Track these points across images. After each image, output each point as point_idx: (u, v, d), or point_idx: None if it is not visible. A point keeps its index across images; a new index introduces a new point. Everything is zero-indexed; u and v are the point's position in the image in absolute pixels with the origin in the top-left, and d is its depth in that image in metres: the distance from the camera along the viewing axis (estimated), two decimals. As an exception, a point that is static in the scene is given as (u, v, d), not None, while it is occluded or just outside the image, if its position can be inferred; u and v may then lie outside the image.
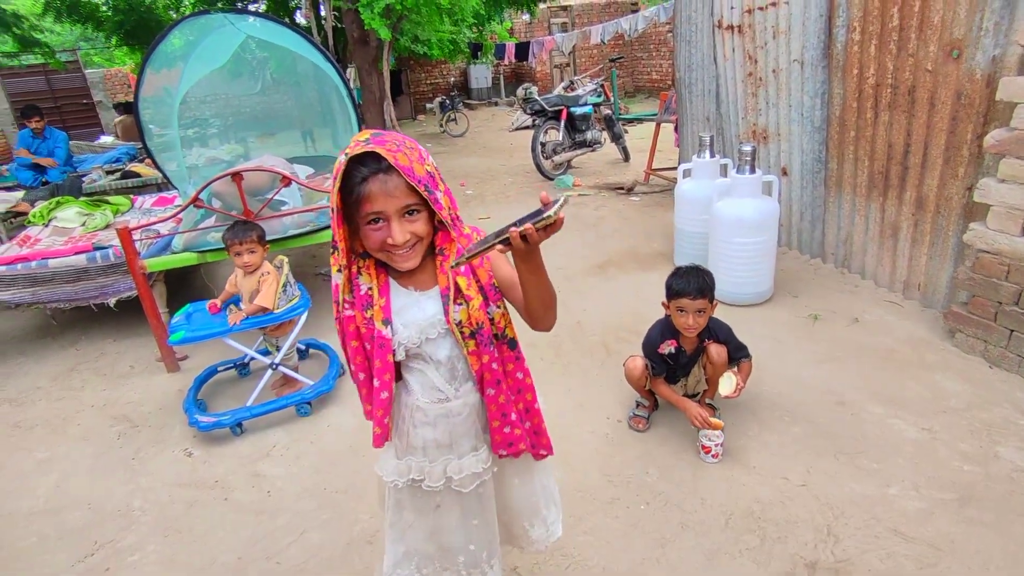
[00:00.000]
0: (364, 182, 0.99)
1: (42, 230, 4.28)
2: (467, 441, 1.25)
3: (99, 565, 2.00)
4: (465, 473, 1.25)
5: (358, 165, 0.99)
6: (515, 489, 1.38)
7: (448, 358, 1.19)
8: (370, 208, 1.01)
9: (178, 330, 2.57)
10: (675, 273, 2.29)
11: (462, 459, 1.25)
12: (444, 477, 1.24)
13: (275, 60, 5.94)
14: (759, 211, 3.24)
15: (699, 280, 2.23)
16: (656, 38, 15.36)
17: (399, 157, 0.98)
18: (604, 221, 5.27)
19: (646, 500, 2.10)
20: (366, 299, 1.13)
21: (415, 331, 1.15)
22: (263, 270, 2.71)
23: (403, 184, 1.00)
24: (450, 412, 1.22)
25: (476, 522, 1.32)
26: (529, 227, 0.90)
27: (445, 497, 1.28)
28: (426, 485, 1.25)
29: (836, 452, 2.21)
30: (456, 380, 1.21)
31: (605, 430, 2.49)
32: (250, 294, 2.70)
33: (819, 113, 3.44)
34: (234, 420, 2.59)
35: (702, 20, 4.43)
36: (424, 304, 1.15)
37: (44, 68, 12.05)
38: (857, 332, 3.01)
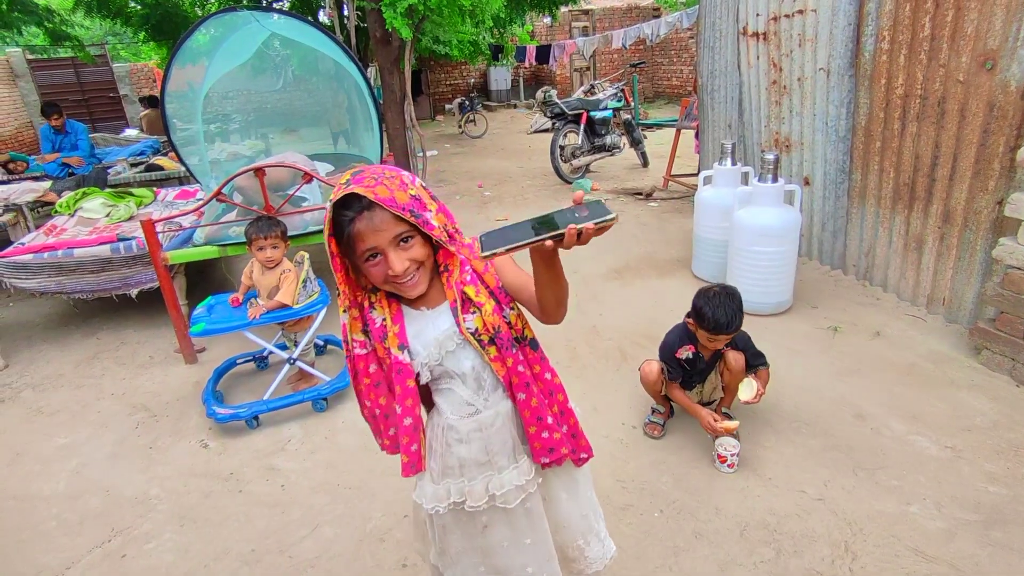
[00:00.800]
0: (351, 223, 1.00)
1: (68, 220, 4.36)
2: (504, 453, 1.21)
3: (116, 551, 2.03)
4: (508, 488, 1.20)
5: (343, 209, 1.00)
6: (564, 504, 1.32)
7: (472, 368, 1.17)
8: (363, 246, 1.02)
9: (199, 322, 2.60)
10: (710, 300, 2.16)
11: (502, 473, 1.20)
12: (487, 495, 1.20)
13: (297, 58, 6.01)
14: (781, 220, 3.21)
15: (734, 314, 2.13)
16: (677, 44, 15.30)
17: (379, 190, 0.98)
18: (622, 226, 5.25)
19: (660, 508, 2.08)
20: (382, 331, 1.13)
21: (434, 348, 1.14)
22: (284, 267, 2.73)
23: (388, 216, 1.00)
24: (482, 425, 1.19)
25: (528, 541, 1.25)
26: (590, 226, 0.85)
27: (491, 516, 1.23)
28: (468, 505, 1.20)
29: (855, 467, 2.17)
30: (483, 390, 1.19)
31: (620, 435, 2.47)
32: (269, 290, 2.72)
33: (844, 123, 3.40)
34: (251, 413, 2.62)
35: (726, 27, 4.39)
36: (437, 320, 1.14)
37: (73, 61, 12.30)
38: (878, 346, 2.97)
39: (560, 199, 6.46)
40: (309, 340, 2.85)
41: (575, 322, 3.47)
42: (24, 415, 2.93)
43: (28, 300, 4.35)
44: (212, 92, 5.32)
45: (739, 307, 2.17)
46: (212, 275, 4.55)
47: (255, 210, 3.15)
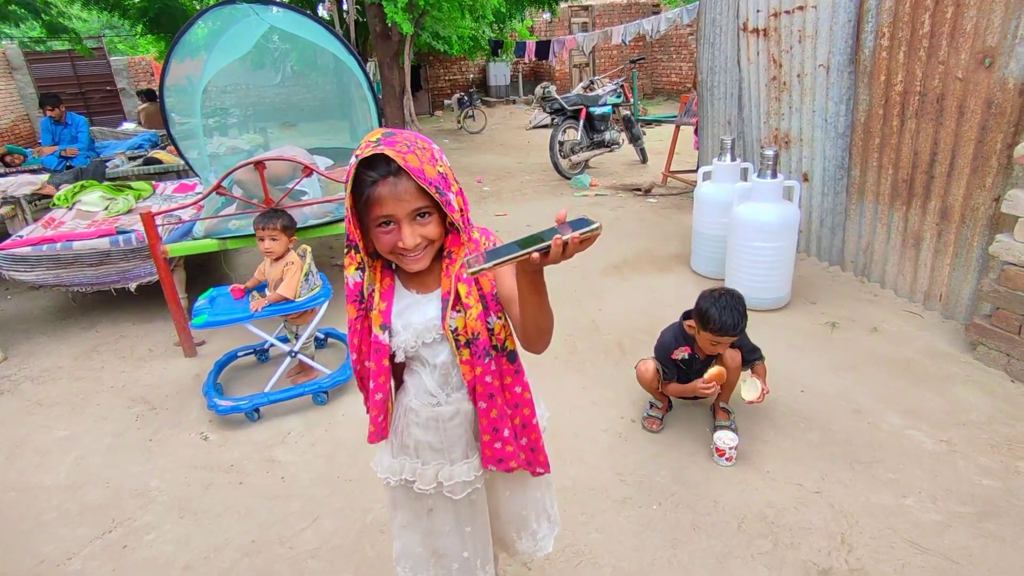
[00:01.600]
0: (373, 185, 0.97)
1: (66, 213, 4.34)
2: (458, 447, 1.23)
3: (117, 542, 2.04)
4: (455, 480, 1.23)
5: (367, 168, 0.97)
6: (504, 501, 1.36)
7: (443, 363, 1.17)
8: (380, 212, 0.99)
9: (201, 314, 2.60)
10: (714, 302, 2.14)
11: (454, 465, 1.23)
12: (436, 481, 1.23)
13: (296, 52, 5.99)
14: (780, 216, 3.22)
15: (739, 316, 2.13)
16: (677, 40, 15.28)
17: (409, 159, 0.95)
18: (620, 222, 5.26)
19: (658, 500, 2.09)
20: (368, 301, 1.13)
21: (412, 335, 1.13)
22: (287, 259, 2.73)
23: (413, 187, 0.97)
24: (440, 417, 1.20)
25: (469, 529, 1.31)
26: (575, 236, 0.84)
27: (437, 501, 1.27)
28: (417, 487, 1.24)
29: (852, 460, 2.19)
30: (448, 386, 1.19)
31: (618, 429, 2.49)
32: (275, 282, 2.73)
33: (843, 119, 3.41)
34: (251, 406, 2.62)
35: (727, 23, 4.40)
36: (425, 307, 1.14)
37: (70, 54, 12.23)
38: (876, 341, 2.98)
39: (559, 194, 6.47)
40: (310, 334, 2.85)
41: (574, 317, 3.48)
42: (23, 407, 2.93)
43: (26, 293, 4.34)
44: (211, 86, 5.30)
45: (744, 309, 2.18)
46: (212, 268, 4.54)
47: (255, 203, 3.15)
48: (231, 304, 2.72)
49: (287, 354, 2.83)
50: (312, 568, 1.89)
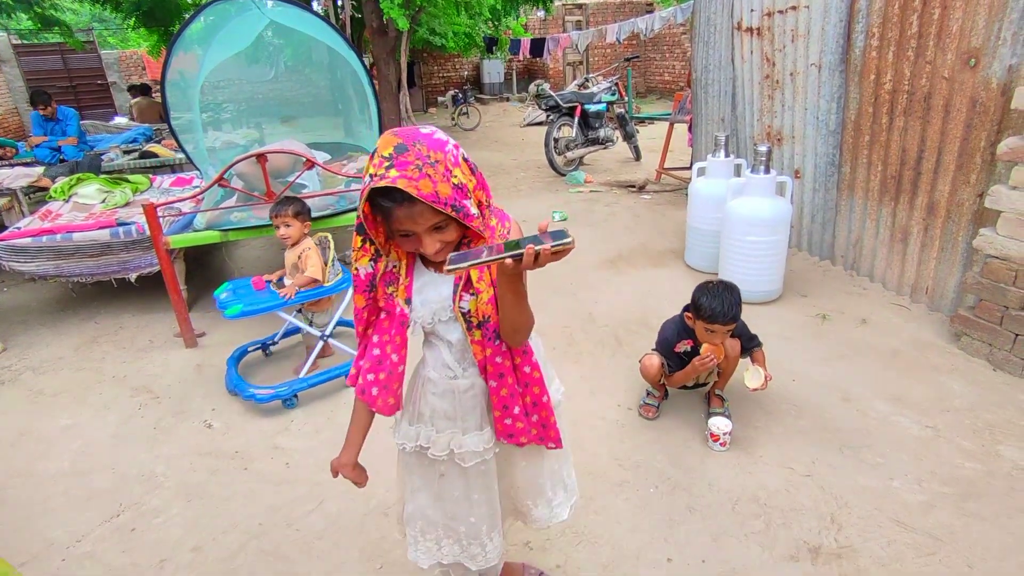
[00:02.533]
0: (390, 211, 1.02)
1: (63, 205, 4.35)
2: (472, 418, 1.29)
3: (126, 525, 2.08)
4: (466, 449, 1.29)
5: (381, 198, 1.01)
6: (520, 470, 1.42)
7: (459, 340, 1.23)
8: (399, 227, 1.04)
9: (234, 304, 2.61)
10: (707, 291, 2.22)
11: (466, 435, 1.29)
12: (448, 448, 1.29)
13: (290, 48, 5.99)
14: (772, 210, 3.29)
15: (733, 304, 2.19)
16: (670, 39, 15.38)
17: (422, 185, 0.96)
18: (615, 217, 5.33)
19: (655, 484, 2.16)
20: (391, 275, 1.18)
21: (428, 312, 1.20)
22: (303, 245, 2.77)
23: (429, 209, 1.00)
24: (456, 388, 1.27)
25: (477, 496, 1.36)
26: (547, 248, 0.90)
27: (449, 468, 1.33)
28: (431, 453, 1.30)
29: (841, 445, 2.27)
30: (465, 361, 1.26)
31: (616, 416, 2.55)
32: (290, 267, 2.79)
33: (835, 117, 3.49)
34: (291, 392, 2.67)
35: (721, 22, 4.47)
36: (440, 286, 1.19)
37: (61, 48, 12.15)
38: (864, 333, 3.07)
39: (554, 191, 6.52)
40: (335, 319, 2.91)
41: (571, 309, 3.54)
42: (25, 396, 2.95)
43: (22, 285, 4.34)
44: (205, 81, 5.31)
45: (737, 299, 2.23)
46: (211, 261, 4.57)
47: (256, 196, 3.19)
48: (254, 294, 2.74)
49: (319, 339, 2.86)
50: (319, 548, 1.94)
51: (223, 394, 2.85)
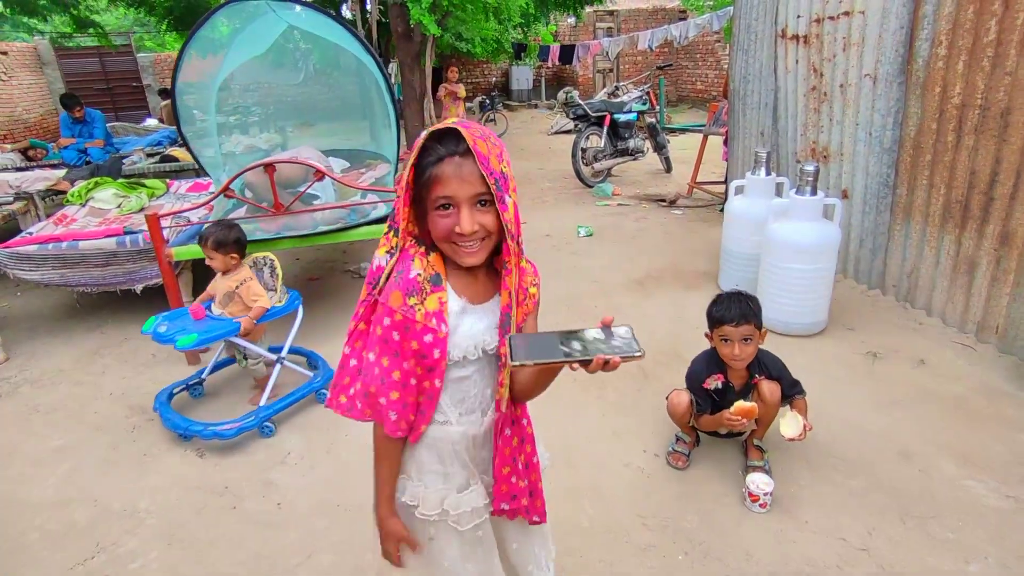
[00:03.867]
0: (439, 163, 0.95)
1: (79, 210, 4.28)
2: (461, 473, 1.14)
3: (98, 570, 1.90)
4: (462, 509, 1.13)
5: (435, 143, 0.95)
6: (512, 554, 1.29)
7: (463, 381, 1.08)
8: (440, 191, 0.96)
9: (185, 334, 2.38)
10: (716, 300, 2.16)
11: (460, 493, 1.14)
12: (440, 508, 1.13)
13: (319, 52, 5.91)
14: (819, 236, 3.00)
15: (742, 305, 2.08)
16: (703, 47, 15.01)
17: (479, 144, 0.94)
18: (644, 234, 5.06)
19: (684, 549, 1.90)
20: (413, 284, 1.00)
21: (471, 344, 1.05)
22: (238, 276, 2.60)
23: (477, 172, 0.94)
24: (447, 437, 1.12)
25: (471, 567, 1.19)
26: (617, 360, 0.88)
27: (439, 530, 1.16)
28: (419, 512, 1.13)
29: (902, 513, 1.97)
30: (463, 405, 1.11)
31: (640, 464, 2.30)
32: (222, 296, 2.61)
33: (890, 133, 3.18)
34: (259, 420, 2.48)
35: (763, 29, 4.18)
36: (474, 320, 1.06)
37: (98, 51, 12.39)
38: (923, 375, 2.75)
39: (580, 203, 6.27)
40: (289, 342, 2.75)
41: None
42: (21, 412, 2.83)
43: (36, 290, 4.27)
44: (233, 84, 5.23)
45: (752, 300, 2.11)
46: (221, 271, 4.43)
47: (264, 207, 3.03)
48: (197, 324, 2.47)
49: (276, 362, 2.68)
50: (303, 612, 1.73)
51: (218, 418, 2.67)
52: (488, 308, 1.07)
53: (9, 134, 10.35)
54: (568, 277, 4.14)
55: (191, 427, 2.43)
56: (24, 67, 11.52)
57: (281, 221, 3.05)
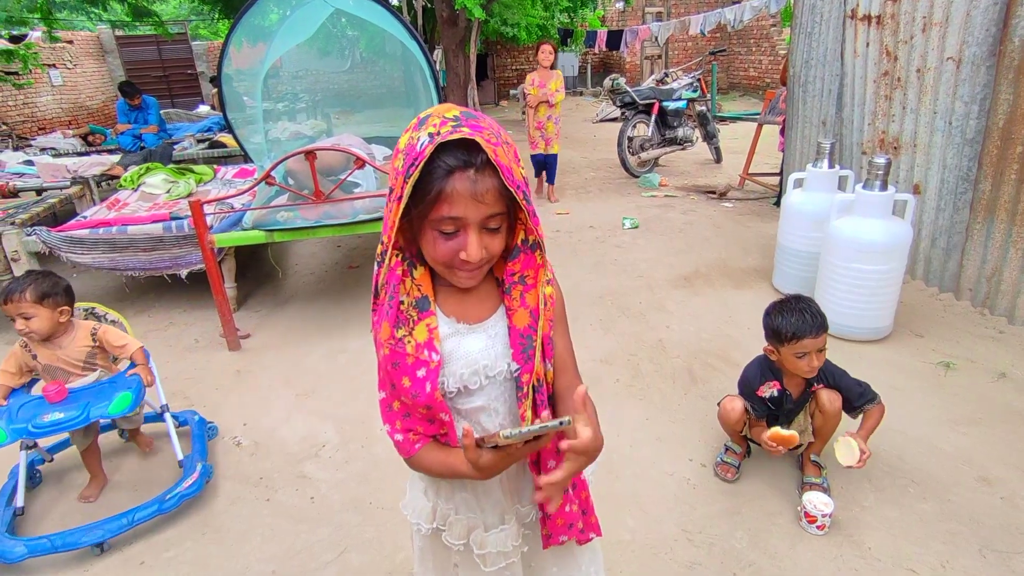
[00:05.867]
0: (448, 176, 0.77)
1: (131, 194, 4.39)
2: (494, 510, 1.03)
3: (135, 557, 1.91)
4: (488, 550, 1.01)
5: (443, 153, 0.77)
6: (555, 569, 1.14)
7: (475, 410, 0.95)
8: (449, 212, 0.79)
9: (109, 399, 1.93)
10: (779, 310, 1.94)
11: (488, 533, 1.02)
12: (466, 538, 1.02)
13: (365, 39, 5.90)
14: (888, 235, 2.77)
15: (815, 315, 1.89)
16: (758, 32, 14.37)
17: (499, 153, 0.77)
18: (692, 227, 4.85)
19: (732, 570, 1.77)
20: (399, 315, 0.87)
21: (468, 371, 0.91)
22: (82, 331, 2.08)
23: (496, 188, 0.79)
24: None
25: None
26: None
27: (465, 560, 1.05)
28: (446, 539, 1.03)
29: (982, 546, 1.78)
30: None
31: (686, 474, 2.16)
32: (82, 361, 2.07)
33: (974, 123, 2.90)
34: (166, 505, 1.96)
35: (830, 10, 3.90)
36: (470, 343, 0.92)
37: (156, 39, 12.79)
38: (1004, 390, 2.51)
39: (625, 194, 6.07)
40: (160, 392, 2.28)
41: (638, 334, 3.15)
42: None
43: (89, 273, 4.39)
44: (282, 71, 5.28)
45: (815, 307, 1.91)
46: (264, 259, 4.48)
47: (305, 195, 3.00)
48: (51, 404, 1.92)
49: (159, 415, 2.26)
50: (332, 614, 1.69)
51: (255, 407, 2.68)
52: (488, 327, 0.93)
53: (73, 120, 10.81)
54: (612, 271, 4.00)
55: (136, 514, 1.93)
56: (88, 55, 12.00)
57: (321, 209, 3.02)
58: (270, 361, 3.06)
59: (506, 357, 0.92)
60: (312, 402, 2.70)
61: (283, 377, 2.91)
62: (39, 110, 10.26)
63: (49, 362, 2.03)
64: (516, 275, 0.89)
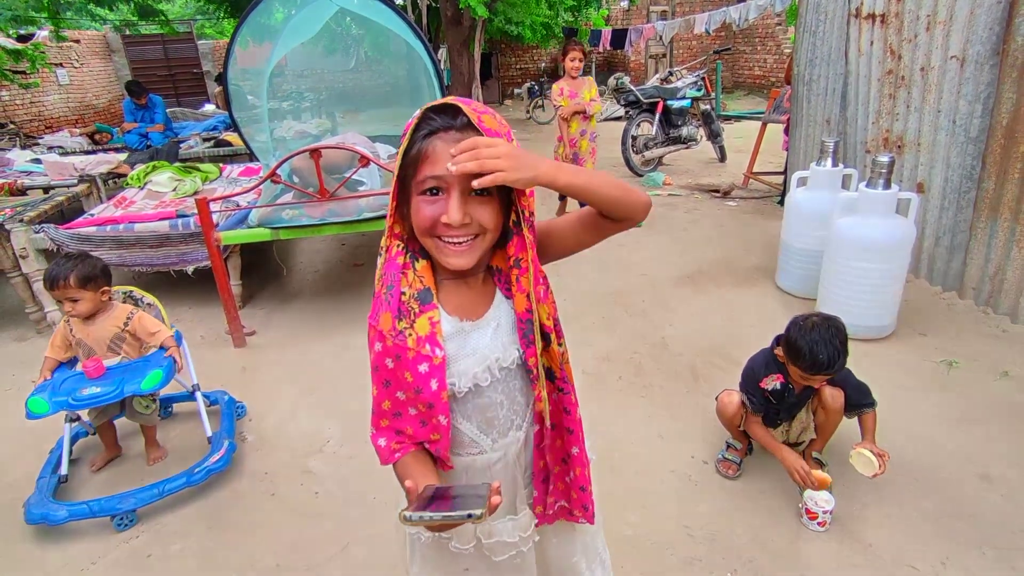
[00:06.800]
0: (430, 136, 0.80)
1: (137, 192, 4.42)
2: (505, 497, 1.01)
3: (142, 549, 1.94)
4: (496, 539, 1.02)
5: (429, 117, 0.81)
6: (552, 549, 1.15)
7: (483, 406, 0.95)
8: (429, 171, 0.80)
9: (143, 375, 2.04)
10: (806, 330, 1.83)
11: (495, 523, 1.02)
12: (475, 538, 1.02)
13: (370, 38, 5.91)
14: (892, 234, 2.77)
15: (838, 355, 1.81)
16: (762, 31, 14.32)
17: (485, 119, 0.79)
18: (696, 226, 4.85)
19: (733, 567, 1.78)
20: (401, 306, 0.87)
21: (481, 368, 0.91)
22: (120, 314, 2.17)
23: None
24: (485, 463, 0.99)
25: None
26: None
27: (475, 562, 1.05)
28: (453, 545, 1.03)
29: (982, 543, 1.79)
30: (494, 430, 0.98)
31: (688, 471, 2.18)
32: (108, 342, 2.15)
33: (978, 121, 2.90)
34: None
35: (834, 8, 3.89)
36: (476, 339, 0.92)
37: (162, 38, 12.86)
38: (1007, 389, 2.51)
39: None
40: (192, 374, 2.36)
41: (641, 332, 3.16)
42: (78, 388, 2.93)
43: (97, 269, 4.45)
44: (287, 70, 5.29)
45: (844, 343, 1.84)
46: (270, 256, 4.51)
47: (310, 193, 3.02)
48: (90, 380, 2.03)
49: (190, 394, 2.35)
50: (336, 606, 1.71)
51: (261, 403, 2.70)
52: (490, 320, 0.93)
53: (80, 119, 10.88)
54: (615, 270, 4.00)
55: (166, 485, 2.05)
56: (94, 55, 12.07)
57: (326, 207, 3.04)
58: (275, 358, 3.09)
59: (514, 343, 0.93)
60: (316, 398, 2.72)
61: (288, 373, 2.94)
62: (46, 109, 10.33)
63: (82, 337, 2.14)
64: (512, 259, 0.89)
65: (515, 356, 0.94)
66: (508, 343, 0.93)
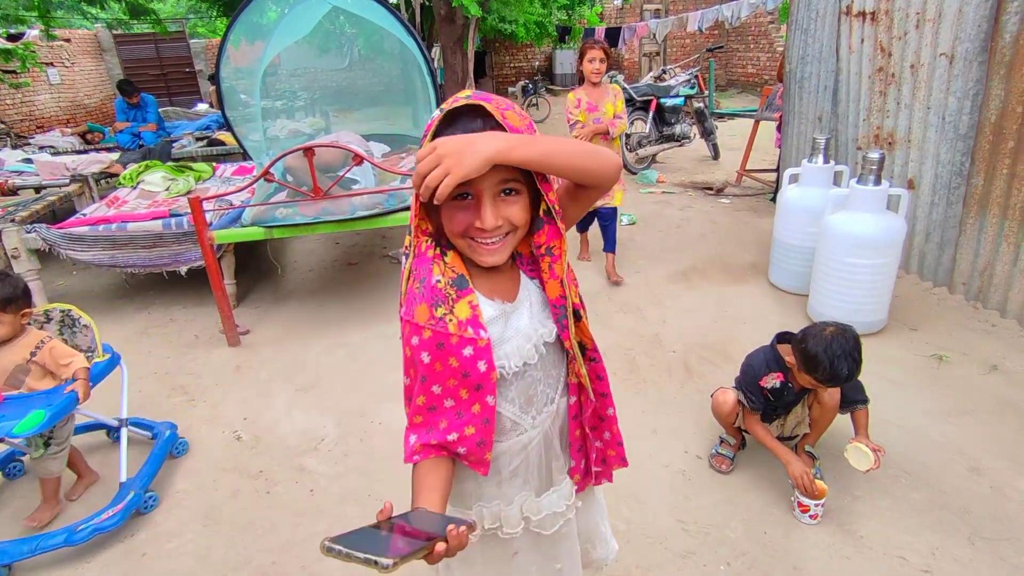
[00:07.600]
0: None
1: (130, 192, 4.40)
2: (542, 475, 1.04)
3: (137, 548, 1.94)
4: (545, 513, 1.03)
5: (452, 123, 0.80)
6: (581, 513, 1.16)
7: (528, 384, 0.96)
8: None
9: (19, 417, 1.74)
10: (825, 342, 1.77)
11: (540, 497, 1.03)
12: (522, 519, 1.03)
13: (363, 36, 5.91)
14: (882, 229, 2.79)
15: (856, 366, 1.78)
16: (755, 29, 14.37)
17: (509, 117, 0.79)
18: (689, 223, 4.87)
19: (727, 559, 1.80)
20: (436, 293, 0.85)
21: (516, 359, 0.92)
22: (31, 340, 1.96)
23: None
24: (525, 445, 1.00)
25: (559, 566, 1.11)
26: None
27: (523, 542, 1.06)
28: (504, 532, 1.02)
29: (971, 533, 1.81)
30: (533, 407, 0.99)
31: (681, 466, 2.19)
32: (13, 370, 1.93)
33: (967, 118, 2.93)
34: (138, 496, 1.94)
35: (825, 6, 3.92)
36: (518, 320, 0.93)
37: (154, 37, 12.77)
38: (996, 382, 2.54)
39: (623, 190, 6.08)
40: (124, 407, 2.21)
41: (634, 328, 3.17)
42: (71, 388, 2.92)
43: (89, 270, 4.41)
44: (280, 69, 5.28)
45: (860, 356, 1.79)
46: (263, 255, 4.50)
47: (304, 191, 3.02)
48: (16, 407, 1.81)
49: (116, 429, 2.17)
50: (332, 603, 1.72)
51: (255, 401, 2.70)
52: (523, 300, 0.95)
53: (72, 118, 10.81)
54: (608, 267, 4.02)
55: (42, 542, 1.82)
56: (86, 54, 11.98)
57: (320, 205, 3.04)
58: (269, 356, 3.09)
59: (548, 318, 0.95)
60: (311, 397, 2.72)
61: (282, 372, 2.94)
62: (37, 108, 10.25)
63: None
64: (543, 247, 0.89)
65: (554, 330, 0.96)
66: (544, 319, 0.96)
